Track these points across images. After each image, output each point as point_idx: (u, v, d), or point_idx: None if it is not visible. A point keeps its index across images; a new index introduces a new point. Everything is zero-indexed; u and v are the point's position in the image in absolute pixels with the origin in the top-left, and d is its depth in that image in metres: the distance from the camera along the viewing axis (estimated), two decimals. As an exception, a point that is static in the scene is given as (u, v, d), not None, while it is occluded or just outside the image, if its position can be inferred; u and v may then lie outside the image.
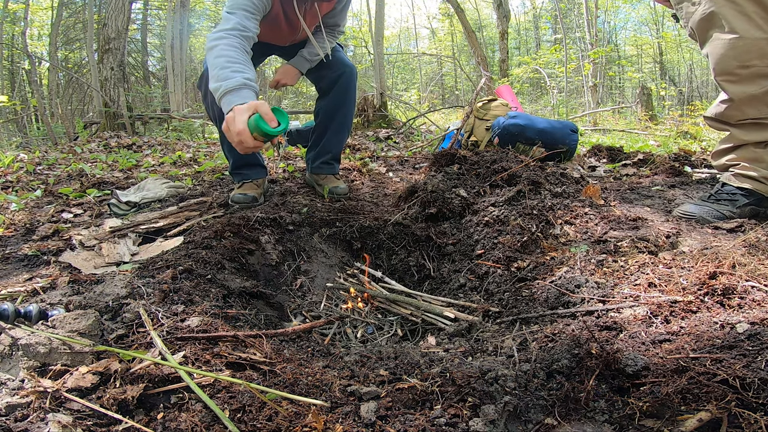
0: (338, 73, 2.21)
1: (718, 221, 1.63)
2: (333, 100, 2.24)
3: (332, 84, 2.22)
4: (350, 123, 2.36)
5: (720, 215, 1.65)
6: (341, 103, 2.24)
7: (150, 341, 0.94)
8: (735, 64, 1.57)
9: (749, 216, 1.66)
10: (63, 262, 1.53)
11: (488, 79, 7.46)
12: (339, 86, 2.21)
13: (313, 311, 1.54)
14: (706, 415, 0.67)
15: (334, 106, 2.24)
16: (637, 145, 4.35)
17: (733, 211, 1.66)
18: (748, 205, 1.66)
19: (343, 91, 2.22)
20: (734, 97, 1.64)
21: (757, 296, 0.96)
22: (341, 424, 0.73)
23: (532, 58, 12.99)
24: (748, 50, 1.53)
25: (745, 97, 1.61)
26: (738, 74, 1.58)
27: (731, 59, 1.57)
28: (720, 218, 1.64)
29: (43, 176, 2.91)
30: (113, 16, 7.05)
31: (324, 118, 2.29)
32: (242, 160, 2.24)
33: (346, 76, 2.21)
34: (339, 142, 2.34)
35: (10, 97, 9.94)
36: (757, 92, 1.58)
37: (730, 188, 1.71)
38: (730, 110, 1.67)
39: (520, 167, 1.97)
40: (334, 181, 2.29)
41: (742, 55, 1.55)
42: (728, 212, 1.66)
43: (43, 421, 0.73)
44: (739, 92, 1.61)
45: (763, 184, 1.65)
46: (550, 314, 1.17)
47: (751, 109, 1.62)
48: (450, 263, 1.67)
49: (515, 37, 21.28)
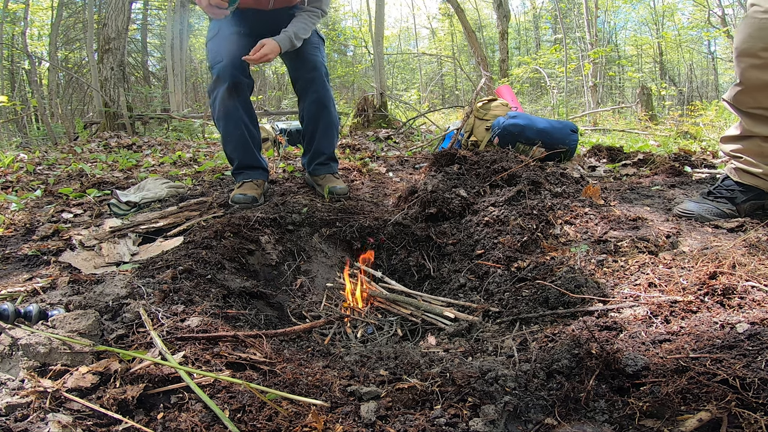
0: (311, 76, 2.22)
1: (717, 219, 1.59)
2: (313, 105, 2.26)
3: (306, 87, 2.25)
4: (336, 121, 2.37)
5: (719, 212, 1.61)
6: (321, 106, 2.26)
7: (150, 341, 0.94)
8: (761, 46, 1.43)
9: (749, 211, 1.62)
10: (63, 262, 1.53)
11: (488, 79, 7.46)
12: (313, 91, 2.23)
13: (313, 311, 1.54)
14: (706, 415, 0.67)
15: (315, 109, 2.27)
16: (637, 145, 4.35)
17: (732, 209, 1.62)
18: (748, 201, 1.62)
19: (318, 96, 2.24)
20: (747, 83, 1.53)
21: (757, 296, 0.96)
22: (341, 424, 0.73)
23: (532, 58, 12.99)
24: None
25: (760, 84, 1.49)
26: (762, 57, 1.44)
27: (758, 40, 1.43)
28: (720, 215, 1.60)
29: (43, 176, 2.91)
30: (113, 16, 7.05)
31: (309, 122, 2.32)
32: (245, 161, 2.25)
33: (319, 81, 2.22)
34: (330, 143, 2.37)
35: (10, 97, 9.94)
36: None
37: (730, 183, 1.66)
38: (741, 95, 1.57)
39: (520, 167, 1.97)
40: (333, 181, 2.30)
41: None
42: (728, 210, 1.62)
43: (43, 421, 0.73)
44: (755, 78, 1.49)
45: (764, 180, 1.59)
46: (550, 314, 1.17)
47: (766, 98, 1.51)
48: (450, 263, 1.67)
49: (515, 37, 21.27)
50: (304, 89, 2.27)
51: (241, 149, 2.24)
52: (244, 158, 2.25)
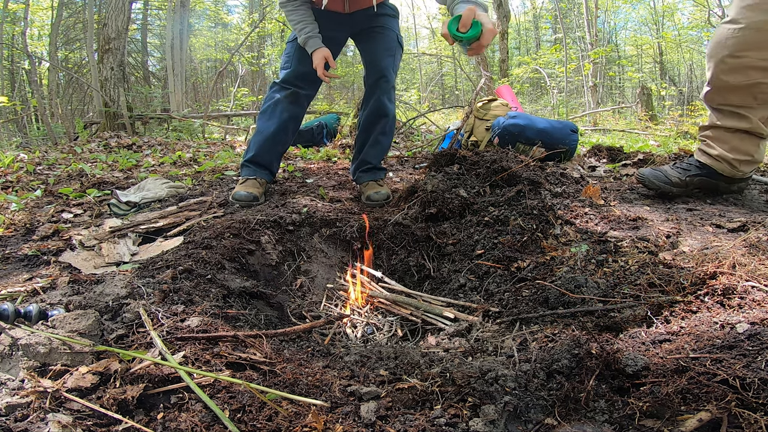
0: (375, 84, 2.20)
1: (663, 185, 1.85)
2: (370, 115, 2.26)
3: (369, 95, 2.25)
4: (390, 132, 2.37)
5: (665, 179, 1.86)
6: (377, 118, 2.26)
7: (150, 341, 0.94)
8: (725, 54, 1.68)
9: (698, 185, 1.87)
10: (63, 262, 1.53)
11: (488, 79, 7.46)
12: (375, 100, 2.22)
13: (313, 311, 1.54)
14: (706, 415, 0.67)
15: (372, 120, 2.27)
16: (637, 145, 4.35)
17: (682, 178, 1.86)
18: (698, 176, 1.86)
19: (377, 107, 2.23)
20: (715, 84, 1.76)
21: (757, 296, 0.96)
22: (341, 424, 0.73)
23: (532, 58, 12.98)
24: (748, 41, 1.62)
25: (726, 86, 1.73)
26: (727, 62, 1.69)
27: (723, 48, 1.68)
28: (665, 182, 1.85)
29: (43, 176, 2.91)
30: (113, 16, 7.04)
31: (362, 131, 2.33)
32: (261, 159, 2.25)
33: (381, 91, 2.20)
34: (377, 154, 2.35)
35: (10, 98, 9.94)
36: (741, 83, 1.69)
37: (693, 160, 1.90)
38: (711, 94, 1.81)
39: (520, 167, 1.97)
40: (375, 188, 2.25)
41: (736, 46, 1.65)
42: (675, 178, 1.86)
43: (43, 421, 0.73)
44: (721, 80, 1.73)
45: (717, 161, 1.82)
46: (550, 314, 1.17)
47: (735, 96, 1.73)
48: (450, 263, 1.67)
49: (515, 37, 21.27)
50: (367, 97, 2.26)
51: (267, 148, 2.24)
52: (262, 156, 2.25)
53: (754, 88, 1.68)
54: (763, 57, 1.61)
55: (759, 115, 1.72)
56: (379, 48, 2.21)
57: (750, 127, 1.74)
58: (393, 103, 2.28)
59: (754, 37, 1.60)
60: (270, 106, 2.21)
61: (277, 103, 2.19)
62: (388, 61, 2.21)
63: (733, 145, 1.78)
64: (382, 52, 2.21)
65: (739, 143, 1.77)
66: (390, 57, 2.22)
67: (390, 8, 2.29)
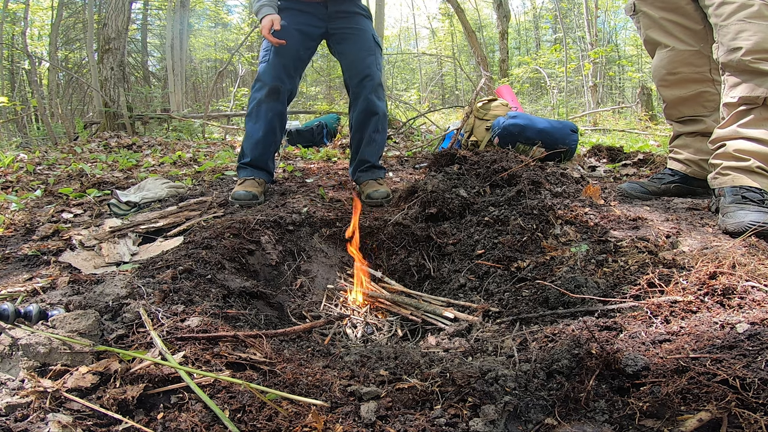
0: (360, 85, 2.20)
1: (642, 195, 1.94)
2: (360, 114, 2.26)
3: (356, 96, 2.25)
4: (383, 129, 2.36)
5: (643, 190, 1.95)
6: (367, 116, 2.26)
7: (150, 341, 0.94)
8: (664, 72, 1.90)
9: (674, 192, 1.96)
10: (63, 262, 1.53)
11: (488, 79, 7.46)
12: (363, 100, 2.22)
13: (313, 311, 1.54)
14: (706, 415, 0.67)
15: (362, 119, 2.27)
16: (637, 145, 4.35)
17: (659, 187, 1.95)
18: (673, 182, 1.96)
19: (366, 106, 2.23)
20: (666, 100, 1.97)
21: (757, 296, 0.96)
22: (341, 424, 0.73)
23: (532, 58, 12.98)
24: (675, 60, 1.86)
25: (674, 99, 1.93)
26: (668, 79, 1.90)
27: (661, 68, 1.91)
28: (643, 192, 1.94)
29: (43, 176, 2.91)
30: (113, 16, 7.04)
31: (356, 131, 2.33)
32: (256, 161, 2.26)
33: (367, 90, 2.20)
34: (374, 152, 2.35)
35: (10, 98, 9.94)
36: (686, 95, 1.90)
37: (666, 169, 2.03)
38: (666, 110, 2.02)
39: (520, 167, 1.97)
40: (374, 186, 2.25)
41: (670, 65, 1.88)
42: (653, 188, 1.96)
43: (43, 421, 0.73)
44: (669, 95, 1.94)
45: (686, 165, 1.96)
46: (550, 314, 1.17)
47: (687, 108, 1.93)
48: (450, 263, 1.67)
49: (515, 37, 21.26)
50: (354, 98, 2.27)
51: (260, 151, 2.25)
52: (256, 159, 2.26)
53: (699, 98, 1.88)
54: (693, 71, 1.84)
55: (712, 118, 1.88)
56: (358, 48, 2.22)
57: (705, 128, 1.89)
58: (383, 101, 2.28)
59: (681, 55, 1.85)
60: (254, 107, 2.21)
61: (260, 104, 2.19)
62: (370, 59, 2.21)
63: (697, 147, 1.93)
64: (362, 51, 2.22)
65: (701, 144, 1.90)
66: (371, 56, 2.23)
67: (363, 9, 2.30)
